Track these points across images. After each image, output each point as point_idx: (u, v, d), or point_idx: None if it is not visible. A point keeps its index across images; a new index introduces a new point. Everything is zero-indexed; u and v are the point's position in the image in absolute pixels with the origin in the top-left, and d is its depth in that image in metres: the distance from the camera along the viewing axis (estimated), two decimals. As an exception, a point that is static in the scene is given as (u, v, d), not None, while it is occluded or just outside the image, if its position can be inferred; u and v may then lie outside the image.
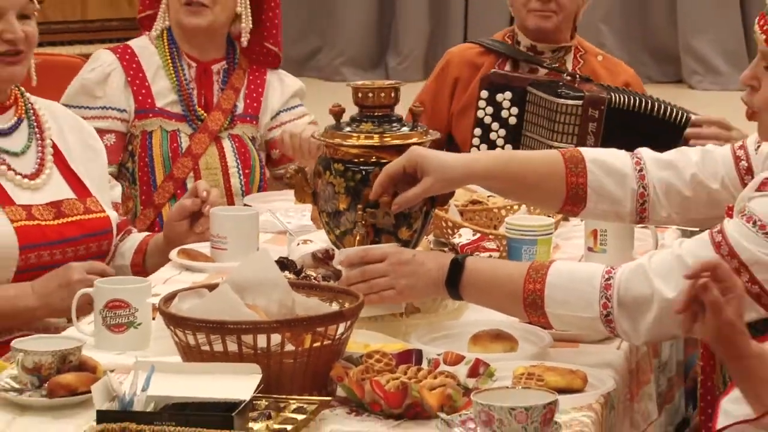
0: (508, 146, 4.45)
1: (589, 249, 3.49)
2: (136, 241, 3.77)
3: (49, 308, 3.37)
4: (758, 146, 3.01)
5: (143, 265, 3.69)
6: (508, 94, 4.47)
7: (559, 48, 4.70)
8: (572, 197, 3.10)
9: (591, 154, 3.16)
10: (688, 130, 4.03)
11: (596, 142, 4.30)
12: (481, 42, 4.86)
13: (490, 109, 4.48)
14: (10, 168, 3.52)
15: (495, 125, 4.49)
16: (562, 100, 4.34)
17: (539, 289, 2.79)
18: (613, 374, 2.82)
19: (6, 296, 3.39)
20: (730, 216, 2.81)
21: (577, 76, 4.52)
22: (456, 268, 2.86)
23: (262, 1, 4.22)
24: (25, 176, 3.54)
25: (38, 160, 3.59)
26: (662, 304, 2.67)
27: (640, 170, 3.12)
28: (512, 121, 4.47)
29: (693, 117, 4.20)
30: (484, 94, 4.49)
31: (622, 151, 3.22)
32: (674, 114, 4.31)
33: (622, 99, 4.34)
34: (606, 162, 3.15)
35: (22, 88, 3.67)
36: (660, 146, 3.98)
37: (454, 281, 2.86)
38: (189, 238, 3.58)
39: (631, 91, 4.46)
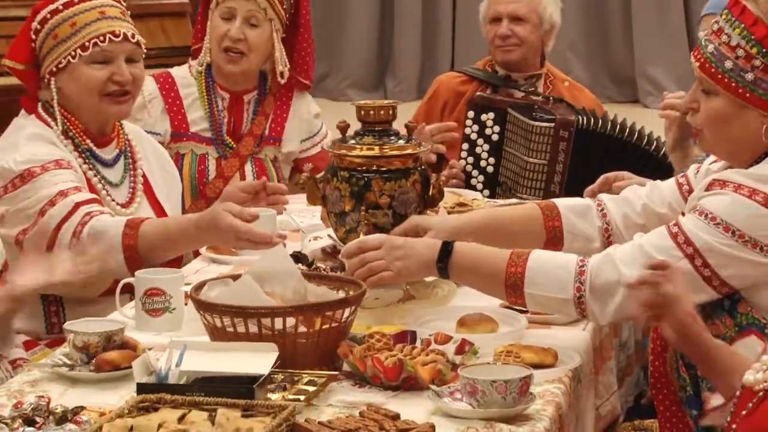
0: (492, 159, 4.44)
1: (559, 245, 3.48)
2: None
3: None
4: (698, 170, 3.03)
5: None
6: (491, 115, 4.46)
7: (530, 75, 4.69)
8: (551, 239, 3.13)
9: (562, 201, 3.22)
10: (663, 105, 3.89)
11: (566, 159, 4.30)
12: (464, 71, 4.87)
13: (476, 127, 4.48)
14: (111, 198, 3.51)
15: (480, 141, 4.48)
16: (536, 123, 4.33)
17: (520, 272, 2.77)
18: (580, 352, 2.81)
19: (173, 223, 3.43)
20: None
21: (551, 98, 4.50)
22: (446, 250, 2.85)
23: (294, 39, 4.17)
24: (119, 204, 3.52)
25: (130, 191, 3.58)
26: (626, 288, 2.66)
27: (602, 210, 3.16)
28: (495, 138, 4.45)
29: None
30: (471, 114, 4.49)
31: (586, 198, 3.32)
32: (639, 138, 4.30)
33: (589, 121, 4.32)
34: (575, 206, 3.20)
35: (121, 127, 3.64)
36: (619, 161, 3.99)
37: (444, 262, 2.85)
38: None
39: (604, 117, 4.43)
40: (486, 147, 4.47)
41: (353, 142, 3.09)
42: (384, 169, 3.05)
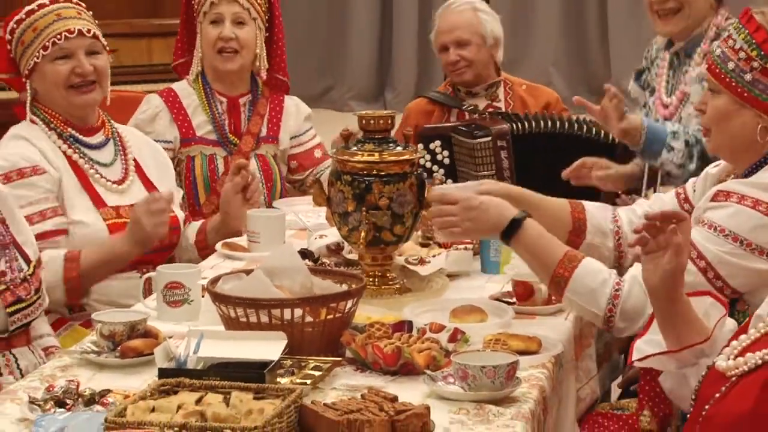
0: (449, 180, 4.41)
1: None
2: (196, 226, 3.77)
3: (140, 244, 3.39)
4: (695, 183, 3.08)
5: (206, 242, 3.70)
6: (438, 142, 4.44)
7: (489, 85, 4.69)
8: (576, 230, 3.10)
9: (588, 204, 3.19)
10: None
11: (510, 166, 4.30)
12: (427, 96, 4.88)
13: (428, 156, 4.47)
14: (102, 176, 3.54)
15: (435, 167, 4.45)
16: (476, 140, 4.31)
17: (566, 276, 2.78)
18: (562, 340, 2.81)
19: (105, 246, 3.44)
20: None
21: (487, 114, 4.52)
22: (514, 225, 2.86)
23: (270, 42, 4.19)
24: (113, 182, 3.56)
25: (123, 170, 3.61)
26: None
27: (614, 215, 3.15)
28: (446, 161, 4.45)
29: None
30: (420, 146, 4.47)
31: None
32: (570, 126, 4.30)
33: (523, 126, 4.32)
34: (597, 205, 3.21)
35: (108, 115, 3.68)
36: (564, 153, 4.00)
37: (508, 235, 2.86)
38: (244, 207, 3.58)
39: (536, 116, 4.41)
40: (441, 171, 4.46)
41: (355, 148, 3.09)
42: (383, 173, 3.04)
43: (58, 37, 3.47)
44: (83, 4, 3.60)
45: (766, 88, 2.74)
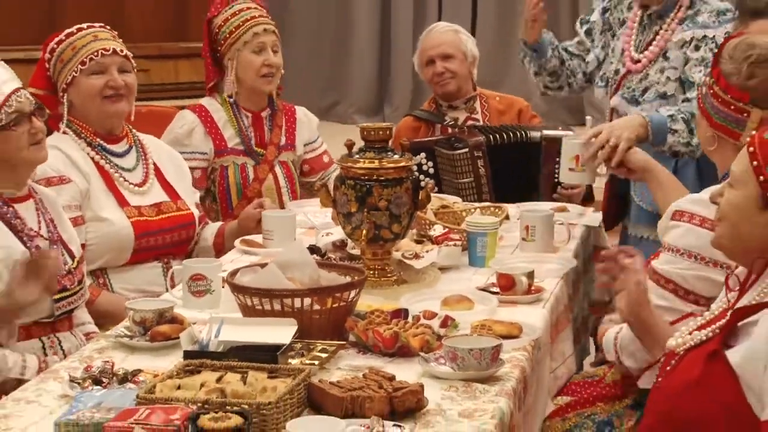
0: (435, 188, 4.41)
1: (523, 239, 3.47)
2: (214, 228, 3.77)
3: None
4: None
5: (223, 245, 3.71)
6: (423, 155, 4.43)
7: (468, 99, 4.70)
8: None
9: None
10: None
11: (487, 172, 4.30)
12: (413, 114, 4.87)
13: (415, 167, 4.46)
14: (125, 180, 3.55)
15: (422, 176, 4.44)
16: (455, 152, 4.33)
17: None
18: (540, 325, 2.80)
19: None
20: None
21: (466, 128, 4.51)
22: None
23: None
24: (135, 185, 3.57)
25: (144, 175, 3.62)
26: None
27: None
28: (431, 171, 4.45)
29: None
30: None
31: None
32: (533, 137, 4.31)
33: (496, 138, 4.33)
34: None
35: (131, 126, 3.69)
36: (533, 160, 4.02)
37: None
38: (256, 229, 3.58)
39: (509, 128, 4.43)
40: (427, 179, 4.47)
41: (358, 156, 3.08)
42: (382, 178, 3.03)
43: (95, 54, 3.51)
44: (115, 32, 3.64)
45: (710, 102, 2.73)
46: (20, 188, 3.03)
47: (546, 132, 4.40)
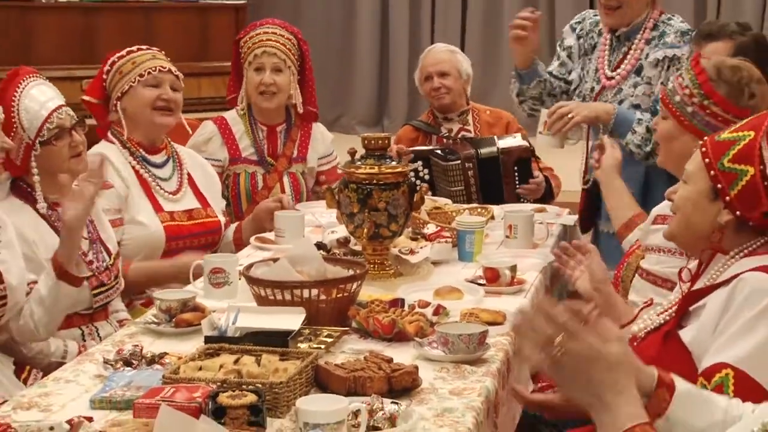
0: (429, 192, 4.42)
1: (506, 237, 3.47)
2: (233, 227, 3.81)
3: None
4: None
5: (241, 239, 3.71)
6: (420, 162, 4.43)
7: (461, 112, 4.69)
8: None
9: None
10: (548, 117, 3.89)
11: (476, 181, 4.30)
12: (412, 124, 4.85)
13: (412, 174, 4.48)
14: (161, 188, 3.56)
15: (418, 182, 4.44)
16: (449, 163, 4.32)
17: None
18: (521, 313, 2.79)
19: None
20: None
21: (458, 140, 4.51)
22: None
23: (303, 81, 4.18)
24: (170, 193, 3.57)
25: (178, 183, 3.63)
26: None
27: None
28: (427, 177, 4.43)
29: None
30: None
31: None
32: (518, 153, 4.29)
33: (485, 152, 4.32)
34: None
35: (170, 139, 3.71)
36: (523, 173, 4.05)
37: None
38: (269, 222, 3.60)
39: (492, 142, 4.42)
40: (423, 185, 4.46)
41: (359, 163, 3.07)
42: (381, 182, 3.03)
43: (153, 69, 3.56)
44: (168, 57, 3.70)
45: (702, 119, 2.75)
46: (64, 194, 3.02)
47: (505, 144, 4.39)
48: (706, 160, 2.20)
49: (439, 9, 8.07)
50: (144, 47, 3.65)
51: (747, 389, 1.99)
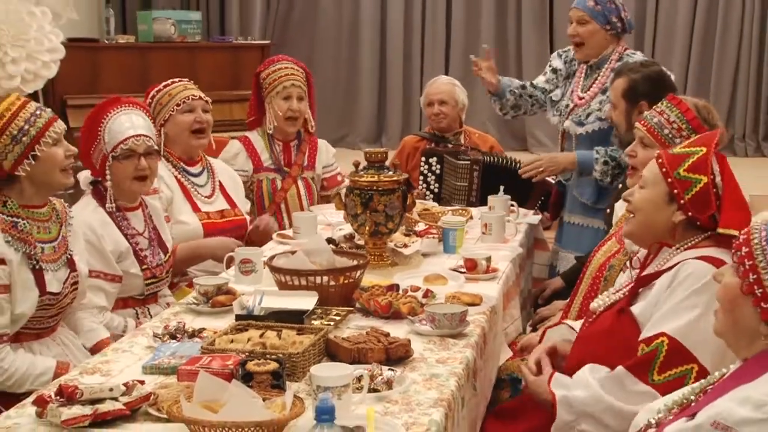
0: (437, 184, 4.44)
1: (483, 233, 3.46)
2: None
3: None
4: None
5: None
6: (434, 159, 4.44)
7: (456, 133, 4.68)
8: None
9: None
10: (521, 170, 3.98)
11: (478, 182, 4.27)
12: (418, 134, 4.85)
13: (426, 167, 4.47)
14: (198, 192, 3.55)
15: (430, 175, 4.45)
16: (460, 162, 4.30)
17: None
18: (495, 296, 2.78)
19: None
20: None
21: (470, 148, 4.49)
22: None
23: (309, 104, 4.13)
24: (205, 197, 3.56)
25: (212, 189, 3.60)
26: None
27: None
28: (438, 172, 4.43)
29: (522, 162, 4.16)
30: (423, 159, 4.50)
31: None
32: (516, 165, 4.25)
33: (491, 159, 4.31)
34: None
35: (205, 154, 3.69)
36: (510, 178, 4.01)
37: None
38: (260, 237, 3.59)
39: (497, 155, 4.42)
40: (433, 178, 4.45)
41: (362, 172, 3.07)
42: (380, 188, 3.02)
43: (187, 98, 3.53)
44: (196, 85, 3.67)
45: (669, 134, 2.71)
46: (132, 202, 3.04)
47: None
48: (663, 169, 2.21)
49: (427, 46, 8.07)
50: (176, 80, 3.60)
51: (676, 354, 2.04)
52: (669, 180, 2.20)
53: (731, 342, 1.73)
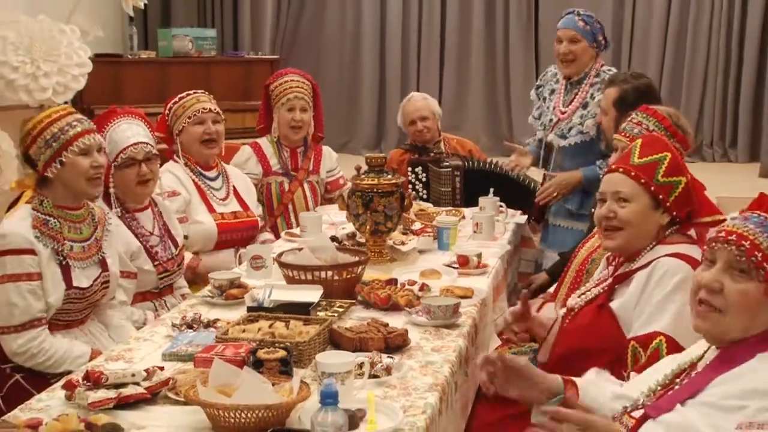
0: (425, 190, 4.42)
1: (474, 232, 3.45)
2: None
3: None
4: None
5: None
6: (419, 168, 4.43)
7: (436, 141, 4.65)
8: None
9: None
10: (538, 198, 3.96)
11: (461, 186, 4.25)
12: (402, 147, 4.80)
13: (413, 176, 4.46)
14: (214, 195, 3.52)
15: (417, 182, 4.44)
16: (442, 169, 4.28)
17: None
18: (486, 289, 2.78)
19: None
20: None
21: (451, 154, 4.48)
22: None
23: (316, 114, 4.11)
24: (220, 199, 3.53)
25: (226, 192, 3.57)
26: None
27: None
28: (424, 179, 4.42)
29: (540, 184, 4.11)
30: (410, 169, 4.49)
31: None
32: (498, 169, 4.25)
33: (472, 164, 4.30)
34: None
35: (221, 160, 3.66)
36: (491, 182, 4.03)
37: None
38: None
39: (475, 159, 4.40)
40: (420, 185, 4.44)
41: (363, 176, 3.06)
42: (380, 190, 3.01)
43: (198, 111, 3.49)
44: (211, 95, 3.63)
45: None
46: (139, 204, 3.03)
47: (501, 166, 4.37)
48: (642, 180, 2.18)
49: (423, 63, 8.06)
50: (192, 92, 3.57)
51: (674, 349, 1.98)
52: (652, 188, 2.17)
53: (724, 339, 1.63)
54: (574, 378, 1.88)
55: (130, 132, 2.95)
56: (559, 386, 1.85)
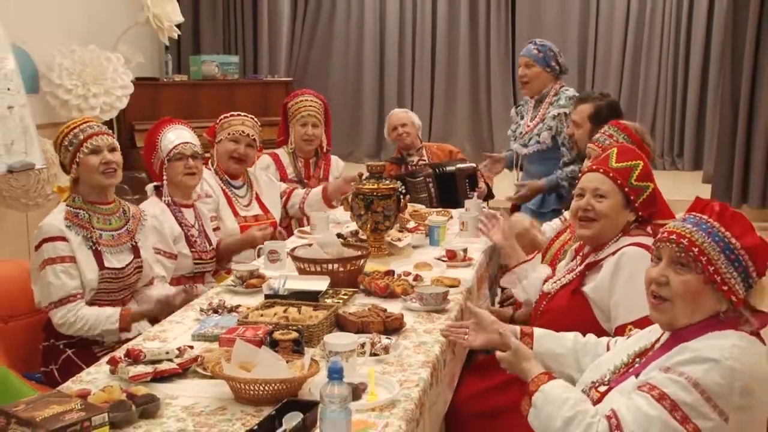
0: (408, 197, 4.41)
1: (460, 230, 3.43)
2: (319, 187, 3.80)
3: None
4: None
5: (328, 197, 3.75)
6: (399, 182, 4.36)
7: (418, 149, 4.63)
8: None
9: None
10: (512, 199, 4.01)
11: (436, 192, 4.23)
12: (388, 160, 4.72)
13: (399, 188, 4.44)
14: (239, 201, 3.49)
15: (400, 194, 4.43)
16: (415, 180, 4.27)
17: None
18: (470, 279, 2.75)
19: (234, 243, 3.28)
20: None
21: (424, 164, 4.45)
22: None
23: (326, 128, 4.07)
24: (244, 205, 3.51)
25: (249, 199, 3.54)
26: None
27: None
28: (403, 190, 4.36)
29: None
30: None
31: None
32: (458, 168, 4.24)
33: (442, 170, 4.27)
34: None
35: (248, 170, 3.60)
36: (461, 181, 4.04)
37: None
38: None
39: (441, 165, 4.34)
40: (406, 197, 4.42)
41: (365, 181, 3.03)
42: (380, 194, 2.98)
43: (237, 131, 3.46)
44: (257, 122, 3.56)
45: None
46: (186, 199, 3.08)
47: (460, 166, 4.36)
48: (618, 181, 2.19)
49: (416, 84, 8.08)
50: (243, 114, 3.54)
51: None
52: (626, 189, 2.18)
53: (675, 325, 1.61)
54: (533, 328, 1.96)
55: (180, 134, 3.06)
56: (516, 334, 1.92)
